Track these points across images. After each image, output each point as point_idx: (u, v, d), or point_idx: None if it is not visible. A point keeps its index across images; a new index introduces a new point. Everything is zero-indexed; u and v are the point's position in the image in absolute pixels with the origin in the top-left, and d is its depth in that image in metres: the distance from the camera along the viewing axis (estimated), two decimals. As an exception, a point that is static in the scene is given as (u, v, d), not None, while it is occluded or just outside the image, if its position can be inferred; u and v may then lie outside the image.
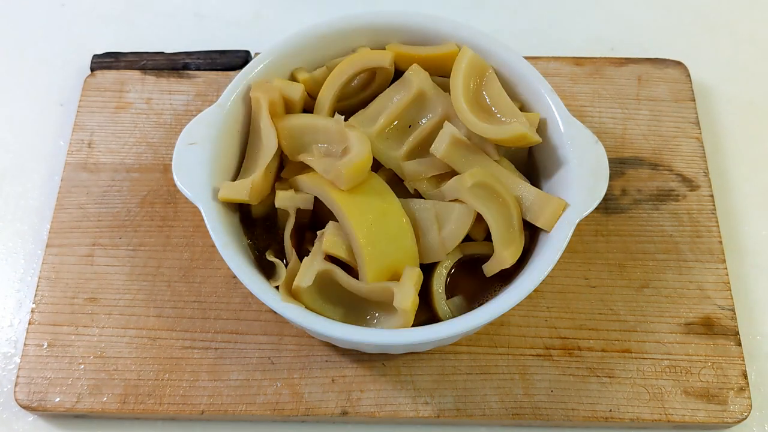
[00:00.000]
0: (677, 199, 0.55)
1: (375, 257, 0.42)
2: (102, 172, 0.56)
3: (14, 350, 0.51)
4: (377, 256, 0.42)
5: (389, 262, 0.43)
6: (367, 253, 0.42)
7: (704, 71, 0.62)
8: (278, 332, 0.49)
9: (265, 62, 0.47)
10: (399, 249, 0.43)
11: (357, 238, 0.42)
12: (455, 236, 0.44)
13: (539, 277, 0.42)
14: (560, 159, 0.46)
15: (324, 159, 0.44)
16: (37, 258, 0.54)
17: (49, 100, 0.61)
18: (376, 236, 0.43)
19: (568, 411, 0.47)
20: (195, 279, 0.51)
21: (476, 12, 0.66)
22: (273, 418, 0.48)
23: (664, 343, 0.50)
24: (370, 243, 0.42)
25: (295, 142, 0.46)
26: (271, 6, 0.66)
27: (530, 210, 0.45)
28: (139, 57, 0.61)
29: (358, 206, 0.43)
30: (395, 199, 0.45)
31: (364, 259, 0.42)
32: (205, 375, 0.48)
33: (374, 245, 0.42)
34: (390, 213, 0.44)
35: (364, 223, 0.43)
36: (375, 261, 0.42)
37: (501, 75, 0.48)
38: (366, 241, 0.42)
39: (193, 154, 0.44)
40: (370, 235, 0.43)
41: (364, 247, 0.42)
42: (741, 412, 0.47)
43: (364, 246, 0.42)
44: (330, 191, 0.43)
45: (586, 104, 0.58)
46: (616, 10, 0.67)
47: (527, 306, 0.50)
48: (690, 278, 0.52)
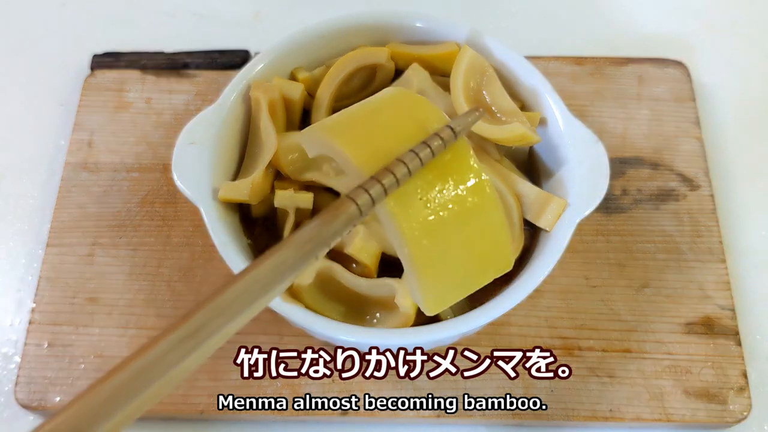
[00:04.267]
0: (678, 199, 0.55)
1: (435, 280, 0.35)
2: (102, 172, 0.56)
3: (14, 350, 0.51)
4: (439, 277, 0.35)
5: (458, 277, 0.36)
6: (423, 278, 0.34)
7: (704, 71, 0.62)
8: (278, 332, 0.49)
9: (264, 62, 0.47)
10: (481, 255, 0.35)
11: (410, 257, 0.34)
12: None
13: (540, 277, 0.41)
14: (561, 158, 0.46)
15: (342, 179, 0.44)
16: (37, 258, 0.54)
17: (49, 100, 0.61)
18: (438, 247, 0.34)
19: (568, 411, 0.47)
20: (195, 279, 0.51)
21: (476, 12, 0.66)
22: (273, 418, 0.48)
23: (664, 342, 0.50)
24: (427, 262, 0.34)
25: (300, 160, 0.46)
26: (271, 6, 0.66)
27: (531, 209, 0.45)
28: (139, 57, 0.61)
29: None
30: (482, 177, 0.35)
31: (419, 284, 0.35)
32: (205, 375, 0.48)
33: (433, 263, 0.34)
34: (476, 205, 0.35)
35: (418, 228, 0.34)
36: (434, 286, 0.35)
37: (501, 75, 0.48)
38: (421, 260, 0.34)
39: (193, 153, 0.44)
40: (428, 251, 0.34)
41: (418, 269, 0.34)
42: (741, 411, 0.47)
43: (418, 267, 0.34)
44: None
45: (586, 104, 0.58)
46: (617, 10, 0.67)
47: (527, 306, 0.50)
48: (690, 278, 0.52)
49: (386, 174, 0.33)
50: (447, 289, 0.37)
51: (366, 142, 0.35)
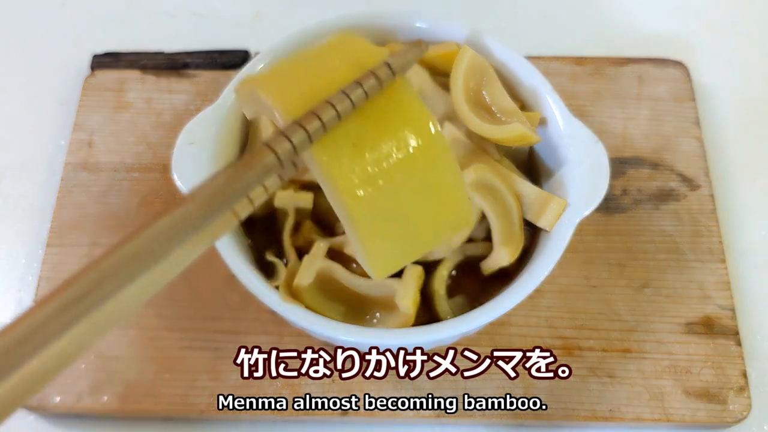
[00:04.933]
0: (678, 199, 0.55)
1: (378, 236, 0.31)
2: (102, 172, 0.56)
3: (14, 350, 0.51)
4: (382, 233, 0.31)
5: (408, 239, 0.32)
6: (364, 233, 0.30)
7: (704, 71, 0.62)
8: (278, 332, 0.49)
9: (264, 62, 0.47)
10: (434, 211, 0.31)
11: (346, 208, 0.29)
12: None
13: (540, 277, 0.41)
14: (561, 158, 0.46)
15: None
16: (37, 258, 0.54)
17: (49, 100, 0.61)
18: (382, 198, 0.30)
19: (568, 411, 0.47)
20: (195, 279, 0.51)
21: (476, 12, 0.66)
22: (273, 418, 0.48)
23: (664, 342, 0.50)
24: (368, 213, 0.29)
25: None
26: (271, 6, 0.66)
27: (531, 209, 0.45)
28: (139, 57, 0.61)
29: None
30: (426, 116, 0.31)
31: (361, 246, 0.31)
32: (205, 375, 0.48)
33: (376, 216, 0.30)
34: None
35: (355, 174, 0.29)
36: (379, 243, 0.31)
37: (501, 74, 0.48)
38: (361, 211, 0.29)
39: (193, 153, 0.44)
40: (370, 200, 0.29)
41: (357, 222, 0.29)
42: (741, 411, 0.47)
43: (357, 220, 0.29)
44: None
45: (586, 104, 0.58)
46: (617, 10, 0.67)
47: (527, 306, 0.50)
48: (690, 278, 0.52)
49: (311, 118, 0.29)
50: (395, 250, 0.33)
51: (294, 88, 0.31)
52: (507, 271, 0.45)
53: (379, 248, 0.32)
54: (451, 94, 0.46)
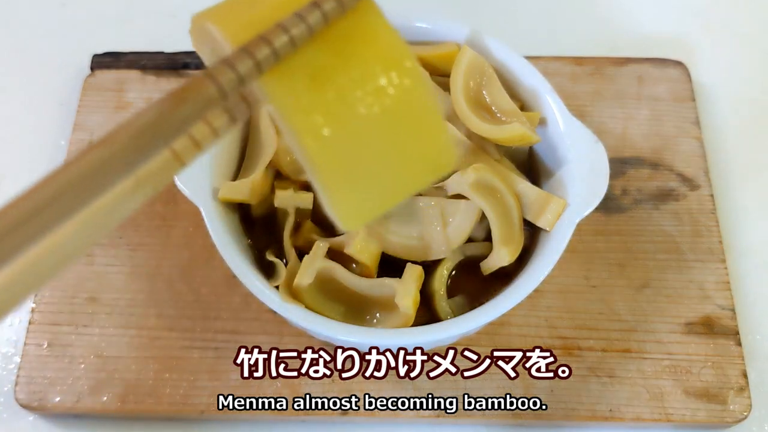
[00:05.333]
0: (677, 199, 0.55)
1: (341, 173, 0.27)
2: (102, 171, 0.55)
3: (14, 350, 0.51)
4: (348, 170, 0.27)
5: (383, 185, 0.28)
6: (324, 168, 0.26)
7: (704, 71, 0.62)
8: (278, 332, 0.49)
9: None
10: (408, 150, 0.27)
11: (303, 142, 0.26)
12: (460, 232, 0.44)
13: (539, 277, 0.42)
14: (560, 158, 0.46)
15: None
16: (37, 258, 0.54)
17: (49, 100, 0.61)
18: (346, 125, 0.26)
19: (568, 411, 0.47)
20: (195, 279, 0.51)
21: (476, 12, 0.66)
22: (273, 418, 0.48)
23: (664, 342, 0.50)
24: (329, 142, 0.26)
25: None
26: (271, 6, 0.66)
27: (530, 209, 0.45)
28: (139, 57, 0.61)
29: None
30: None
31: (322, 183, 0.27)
32: (205, 375, 0.48)
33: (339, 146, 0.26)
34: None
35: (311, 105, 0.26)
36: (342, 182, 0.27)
37: (501, 75, 0.48)
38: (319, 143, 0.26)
39: (193, 153, 0.44)
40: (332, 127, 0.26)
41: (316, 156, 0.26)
42: (741, 411, 0.47)
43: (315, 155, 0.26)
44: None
45: (586, 104, 0.58)
46: (617, 10, 0.67)
47: (527, 306, 0.50)
48: (690, 278, 0.52)
49: (260, 44, 0.25)
50: (367, 198, 0.29)
51: (244, 14, 0.27)
52: (507, 271, 0.45)
53: (348, 196, 0.28)
54: (451, 94, 0.46)
